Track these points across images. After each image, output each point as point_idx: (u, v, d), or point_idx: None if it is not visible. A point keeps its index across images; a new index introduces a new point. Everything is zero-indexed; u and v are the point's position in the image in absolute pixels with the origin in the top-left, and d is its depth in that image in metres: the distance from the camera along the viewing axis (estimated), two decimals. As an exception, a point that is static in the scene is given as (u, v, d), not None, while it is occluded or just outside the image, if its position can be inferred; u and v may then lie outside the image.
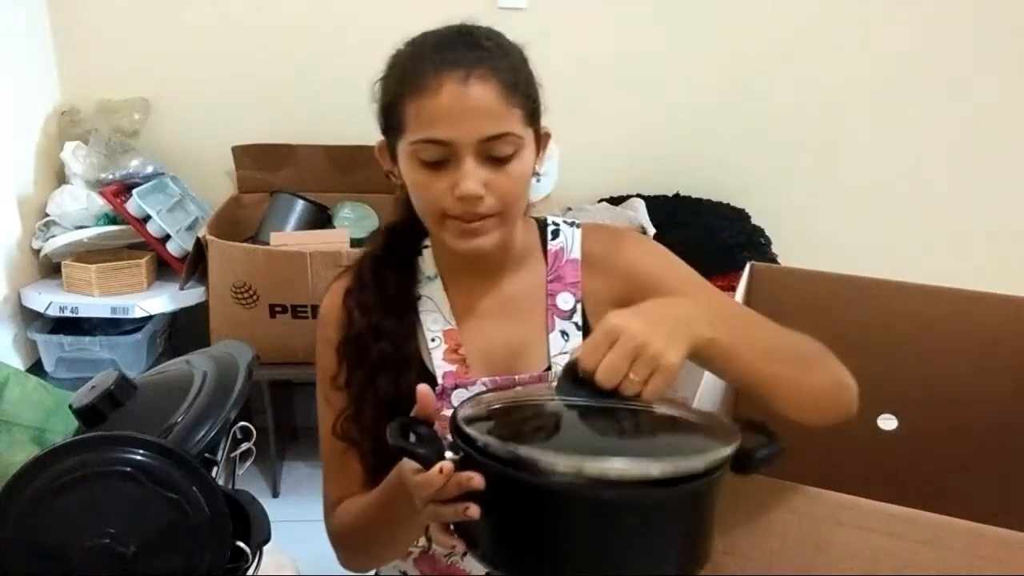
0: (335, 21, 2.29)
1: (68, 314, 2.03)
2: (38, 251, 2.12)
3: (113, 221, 2.15)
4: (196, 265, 2.06)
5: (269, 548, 0.79)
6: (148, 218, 2.09)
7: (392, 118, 0.89)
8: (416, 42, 0.89)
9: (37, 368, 2.08)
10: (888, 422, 1.22)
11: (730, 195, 2.38)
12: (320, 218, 2.24)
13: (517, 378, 0.95)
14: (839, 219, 2.50)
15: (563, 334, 0.97)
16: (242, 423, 0.87)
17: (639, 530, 0.63)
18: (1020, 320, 1.16)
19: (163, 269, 2.18)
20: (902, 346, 1.22)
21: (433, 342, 0.96)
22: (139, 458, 0.70)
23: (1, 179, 2.02)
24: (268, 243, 2.02)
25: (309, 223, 2.19)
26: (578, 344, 0.96)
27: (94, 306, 2.04)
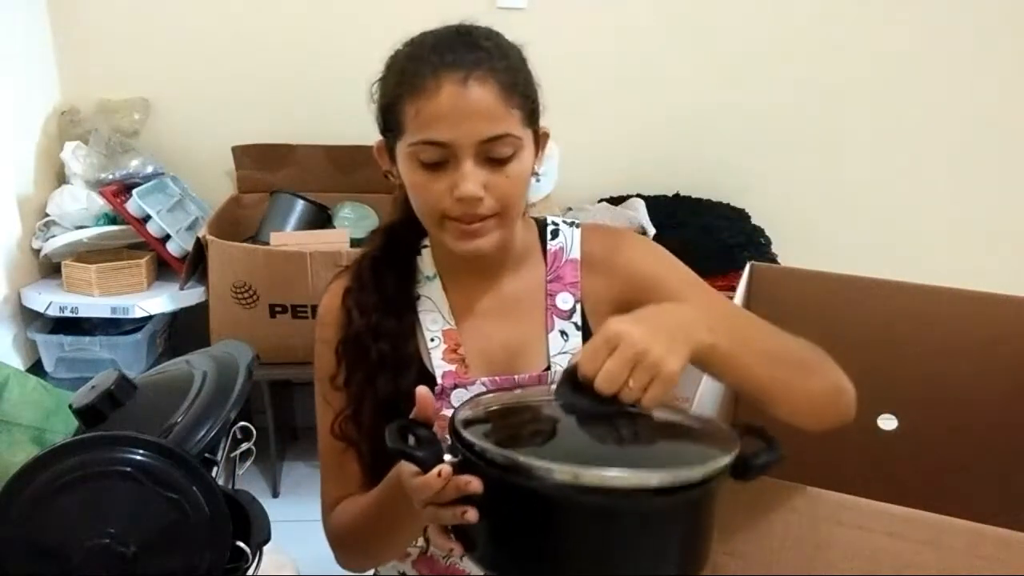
0: (335, 21, 2.29)
1: (68, 314, 2.03)
2: (38, 251, 2.12)
3: (113, 221, 2.15)
4: (196, 265, 2.06)
5: (269, 548, 0.80)
6: (148, 218, 2.09)
7: (391, 119, 0.88)
8: (414, 42, 0.89)
9: (37, 368, 2.08)
10: (888, 422, 1.22)
11: (730, 195, 2.38)
12: (320, 218, 2.24)
13: (516, 378, 0.94)
14: (839, 219, 2.50)
15: (562, 334, 0.97)
16: (242, 423, 0.87)
17: (636, 535, 0.63)
18: (1020, 320, 1.16)
19: (163, 269, 2.18)
20: (902, 346, 1.21)
21: (432, 342, 0.96)
22: (139, 458, 0.70)
23: (1, 179, 2.03)
24: (268, 243, 2.02)
25: (309, 223, 2.20)
26: (577, 344, 0.96)
27: (94, 306, 2.04)
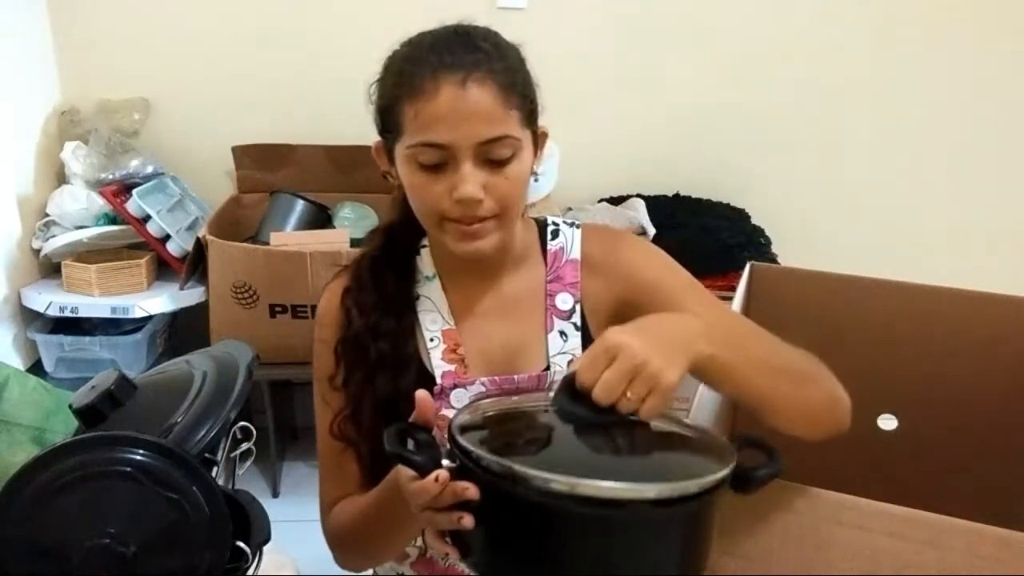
0: (335, 21, 2.29)
1: (68, 314, 2.03)
2: (38, 251, 2.12)
3: (113, 221, 2.15)
4: (196, 265, 2.06)
5: (269, 548, 0.79)
6: (148, 218, 2.09)
7: (389, 121, 0.88)
8: (412, 43, 0.88)
9: (37, 368, 2.08)
10: (888, 422, 1.22)
11: (730, 195, 2.38)
12: (320, 218, 2.24)
13: (516, 378, 0.94)
14: (839, 219, 2.50)
15: (562, 334, 0.96)
16: (242, 423, 0.87)
17: (632, 545, 0.63)
18: (1020, 320, 1.16)
19: (163, 269, 2.18)
20: (902, 346, 1.21)
21: (432, 342, 0.96)
22: (139, 458, 0.70)
23: (1, 179, 2.03)
24: (268, 243, 2.02)
25: (309, 223, 2.19)
26: (577, 344, 0.96)
27: (94, 306, 2.04)
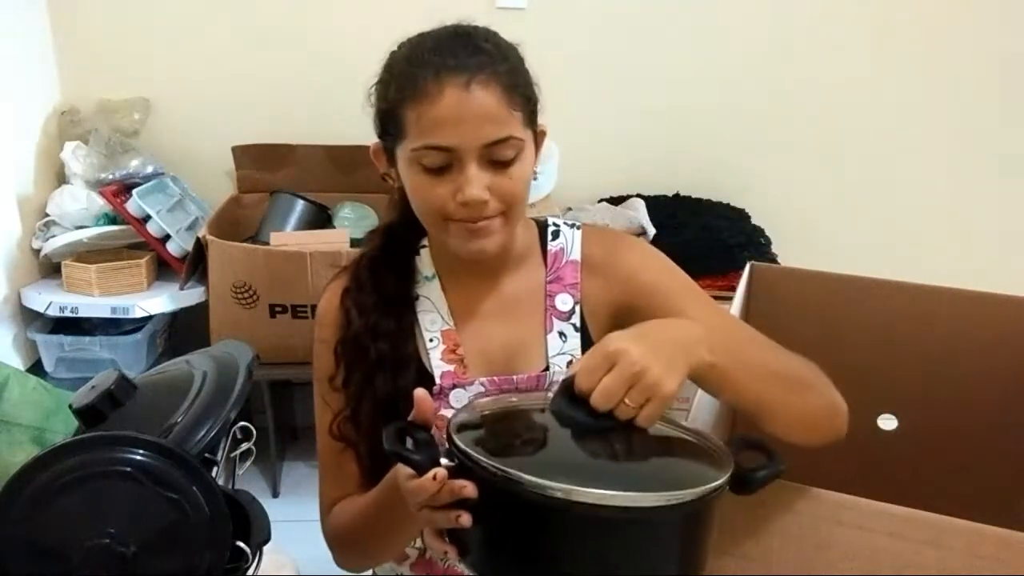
0: (335, 21, 2.29)
1: (68, 314, 2.03)
2: (38, 251, 2.12)
3: (113, 221, 2.15)
4: (196, 265, 2.06)
5: (269, 548, 0.79)
6: (148, 218, 2.09)
7: (391, 123, 0.88)
8: (413, 44, 0.88)
9: (37, 368, 2.08)
10: (888, 422, 1.22)
11: (730, 195, 2.38)
12: (320, 218, 2.24)
13: (515, 379, 0.94)
14: (839, 219, 2.50)
15: (561, 335, 0.96)
16: (242, 423, 0.87)
17: (629, 546, 0.63)
18: (1020, 320, 1.16)
19: (163, 269, 2.18)
20: (902, 346, 1.21)
21: (431, 342, 0.96)
22: (139, 458, 0.69)
23: (1, 179, 2.02)
24: (268, 243, 2.02)
25: (309, 223, 2.19)
26: (576, 345, 0.96)
27: (94, 306, 2.04)
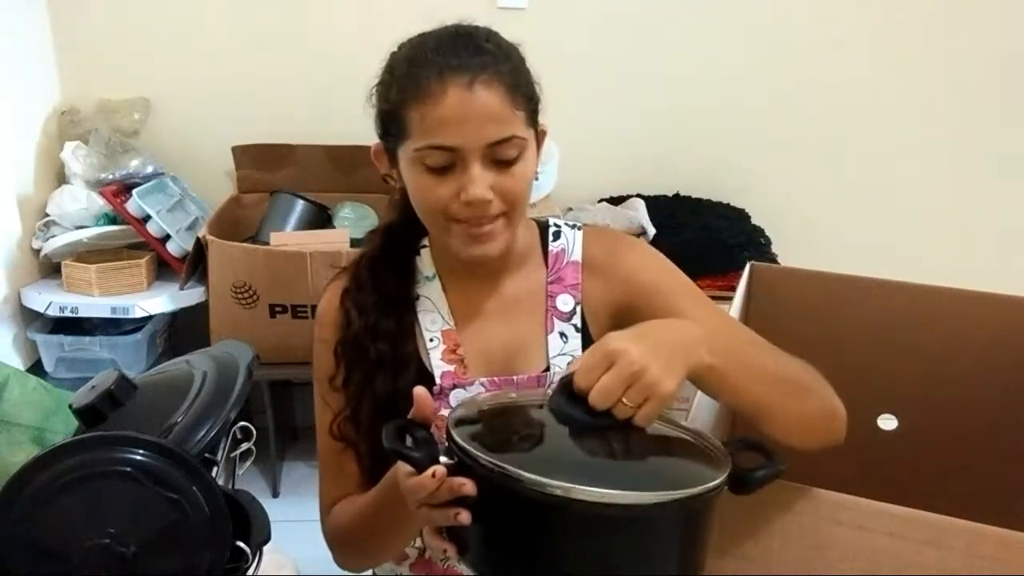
0: (335, 21, 2.29)
1: (68, 314, 2.03)
2: (38, 251, 2.12)
3: (113, 221, 2.15)
4: (196, 265, 2.06)
5: (269, 548, 0.79)
6: (148, 218, 2.09)
7: (393, 124, 0.88)
8: (414, 45, 0.88)
9: (37, 368, 2.08)
10: (888, 422, 1.22)
11: (730, 195, 2.38)
12: (320, 218, 2.24)
13: (515, 379, 0.94)
14: (839, 219, 2.50)
15: (562, 335, 0.96)
16: (242, 423, 0.87)
17: (628, 545, 0.63)
18: (1020, 320, 1.16)
19: (163, 269, 2.18)
20: (902, 346, 1.21)
21: (431, 342, 0.96)
22: (139, 458, 0.69)
23: (1, 179, 2.02)
24: (268, 243, 2.02)
25: (309, 223, 2.19)
26: (577, 346, 0.96)
27: (94, 306, 2.04)
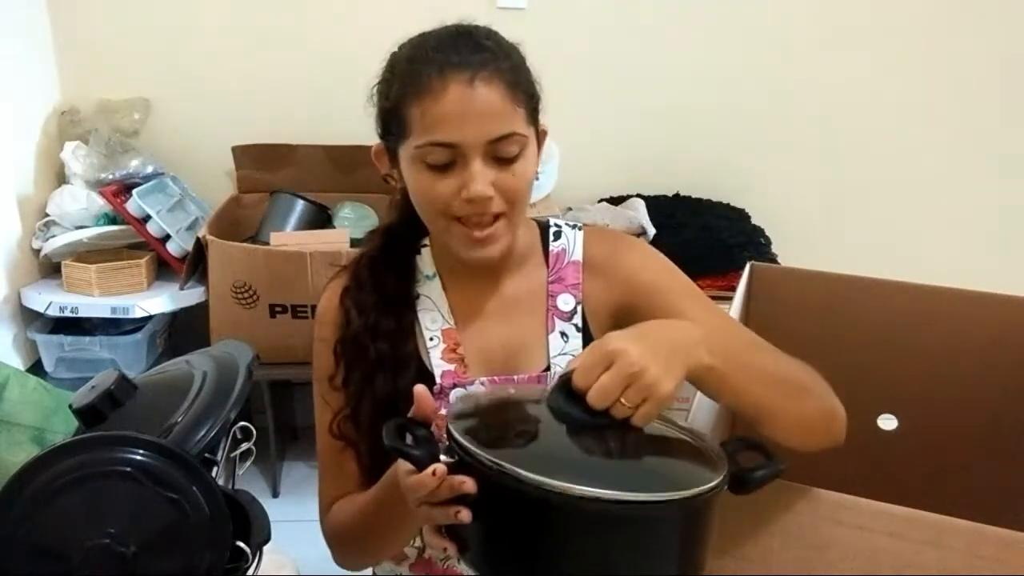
0: (335, 21, 2.29)
1: (68, 314, 2.03)
2: (38, 251, 2.12)
3: (113, 221, 2.15)
4: (196, 265, 2.06)
5: (269, 548, 0.79)
6: (148, 218, 2.09)
7: (394, 122, 0.88)
8: (414, 44, 0.88)
9: (37, 368, 2.08)
10: (888, 422, 1.22)
11: (730, 195, 2.38)
12: (320, 218, 2.24)
13: (516, 379, 0.94)
14: (839, 219, 2.50)
15: (563, 335, 0.96)
16: (242, 423, 0.87)
17: (628, 545, 0.63)
18: (1020, 320, 1.16)
19: (163, 269, 2.18)
20: (902, 346, 1.21)
21: (431, 341, 0.96)
22: (139, 458, 0.69)
23: (1, 179, 2.02)
24: (268, 243, 2.02)
25: (309, 223, 2.20)
26: (578, 346, 0.96)
27: (94, 306, 2.04)
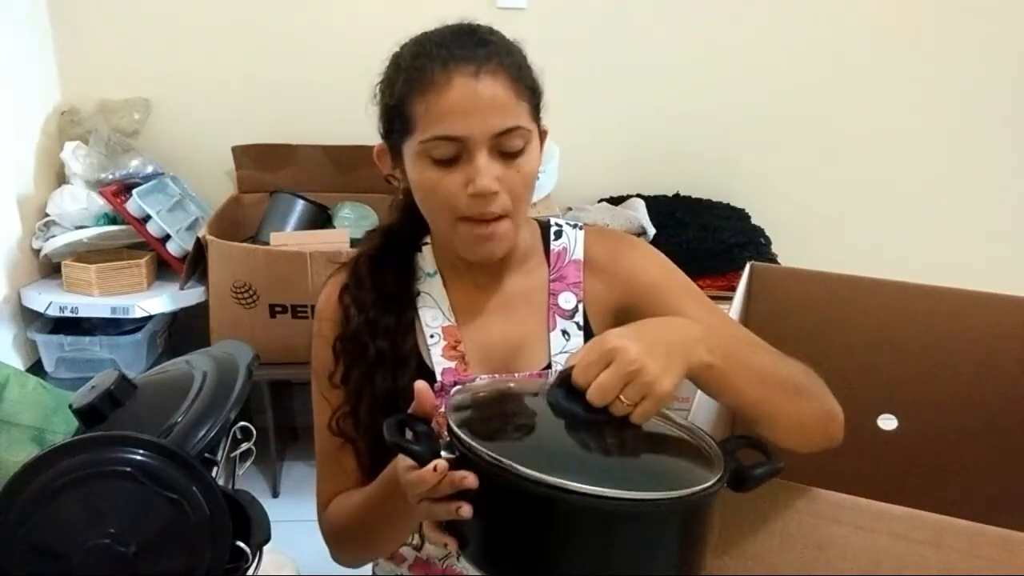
0: (335, 21, 2.29)
1: (68, 314, 2.03)
2: (38, 251, 2.11)
3: (113, 221, 2.15)
4: (196, 265, 2.06)
5: (269, 548, 0.79)
6: (148, 218, 2.09)
7: (398, 119, 0.87)
8: (417, 41, 0.88)
9: (37, 368, 2.08)
10: (888, 422, 1.22)
11: (730, 195, 2.38)
12: (320, 218, 2.24)
13: (516, 376, 0.94)
14: (839, 219, 2.50)
15: (564, 333, 0.96)
16: (242, 423, 0.87)
17: (628, 543, 0.63)
18: (1020, 320, 1.16)
19: (163, 269, 2.18)
20: (902, 346, 1.21)
21: (432, 339, 0.96)
22: (139, 458, 0.69)
23: (1, 179, 2.02)
24: (268, 243, 2.02)
25: (309, 223, 2.20)
26: (579, 344, 0.96)
27: (94, 306, 2.04)
